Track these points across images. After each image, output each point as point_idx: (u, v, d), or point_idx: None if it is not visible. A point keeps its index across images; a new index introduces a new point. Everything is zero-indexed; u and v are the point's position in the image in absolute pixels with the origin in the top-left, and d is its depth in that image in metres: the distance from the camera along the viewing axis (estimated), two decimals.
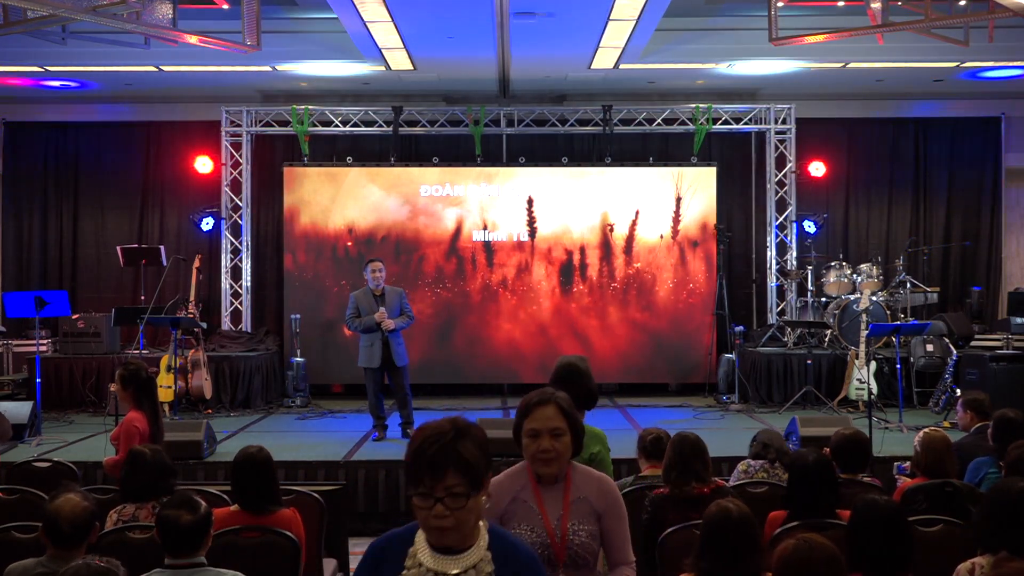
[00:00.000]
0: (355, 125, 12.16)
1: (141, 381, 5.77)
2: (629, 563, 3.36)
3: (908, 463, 5.51)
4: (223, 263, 12.19)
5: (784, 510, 4.30)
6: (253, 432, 9.42)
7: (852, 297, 10.90)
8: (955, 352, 10.16)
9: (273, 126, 12.23)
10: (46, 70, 10.79)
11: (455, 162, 12.17)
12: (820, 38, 7.70)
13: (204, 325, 11.06)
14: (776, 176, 12.30)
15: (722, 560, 3.38)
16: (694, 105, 12.00)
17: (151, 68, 10.69)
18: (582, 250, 11.97)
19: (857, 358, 10.19)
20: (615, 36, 9.56)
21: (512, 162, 12.13)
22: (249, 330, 12.02)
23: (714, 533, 3.43)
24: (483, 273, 11.96)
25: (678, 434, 4.59)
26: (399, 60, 10.44)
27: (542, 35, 9.48)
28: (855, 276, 11.13)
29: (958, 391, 9.30)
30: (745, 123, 12.27)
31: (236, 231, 12.27)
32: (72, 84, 11.56)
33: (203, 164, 12.35)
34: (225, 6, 8.26)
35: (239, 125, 12.16)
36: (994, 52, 9.95)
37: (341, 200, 11.97)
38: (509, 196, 11.97)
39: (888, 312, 10.85)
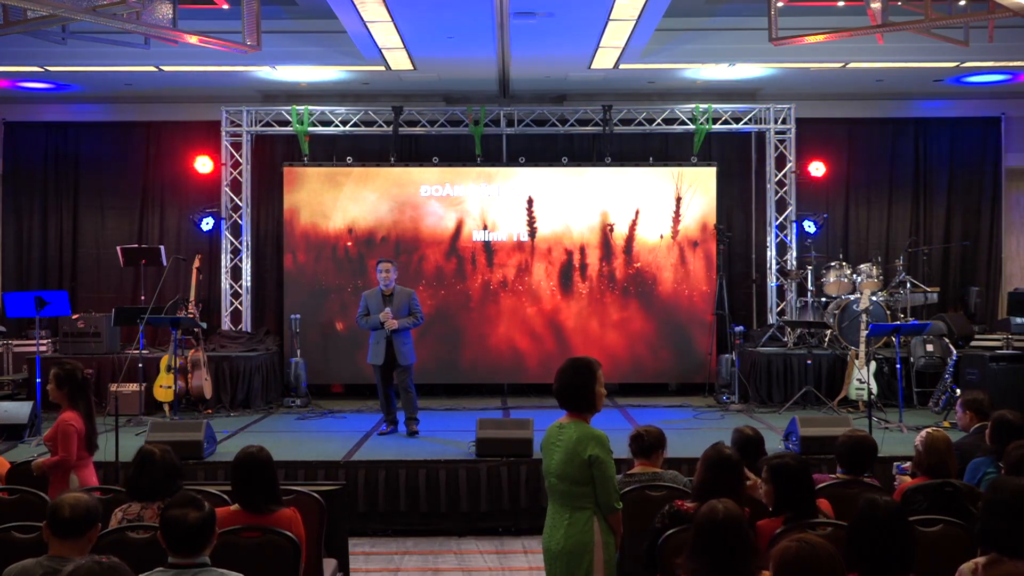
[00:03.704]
0: (355, 125, 12.16)
1: (77, 382, 5.72)
2: None
3: (908, 463, 5.51)
4: (223, 263, 12.19)
5: (773, 518, 4.26)
6: (253, 432, 9.42)
7: (852, 297, 10.89)
8: (955, 352, 10.16)
9: (273, 126, 12.23)
10: (46, 70, 10.79)
11: (455, 162, 12.17)
12: (820, 38, 7.67)
13: (204, 325, 11.07)
14: (776, 176, 12.30)
15: (712, 561, 3.37)
16: (694, 105, 12.00)
17: (151, 68, 10.69)
18: (582, 250, 11.97)
19: (857, 358, 10.19)
20: (615, 36, 9.56)
21: (512, 162, 12.13)
22: (249, 330, 12.02)
23: (703, 534, 3.42)
24: (483, 273, 11.96)
25: (712, 449, 4.42)
26: (399, 60, 10.44)
27: (542, 35, 9.48)
28: (855, 276, 11.13)
29: (958, 391, 9.30)
30: (745, 123, 12.27)
31: (236, 231, 12.27)
32: (71, 84, 11.57)
33: (203, 164, 12.35)
34: (225, 6, 8.25)
35: (239, 125, 12.17)
36: (994, 52, 9.95)
37: (341, 200, 11.97)
38: (509, 196, 11.97)
39: (888, 312, 10.84)
